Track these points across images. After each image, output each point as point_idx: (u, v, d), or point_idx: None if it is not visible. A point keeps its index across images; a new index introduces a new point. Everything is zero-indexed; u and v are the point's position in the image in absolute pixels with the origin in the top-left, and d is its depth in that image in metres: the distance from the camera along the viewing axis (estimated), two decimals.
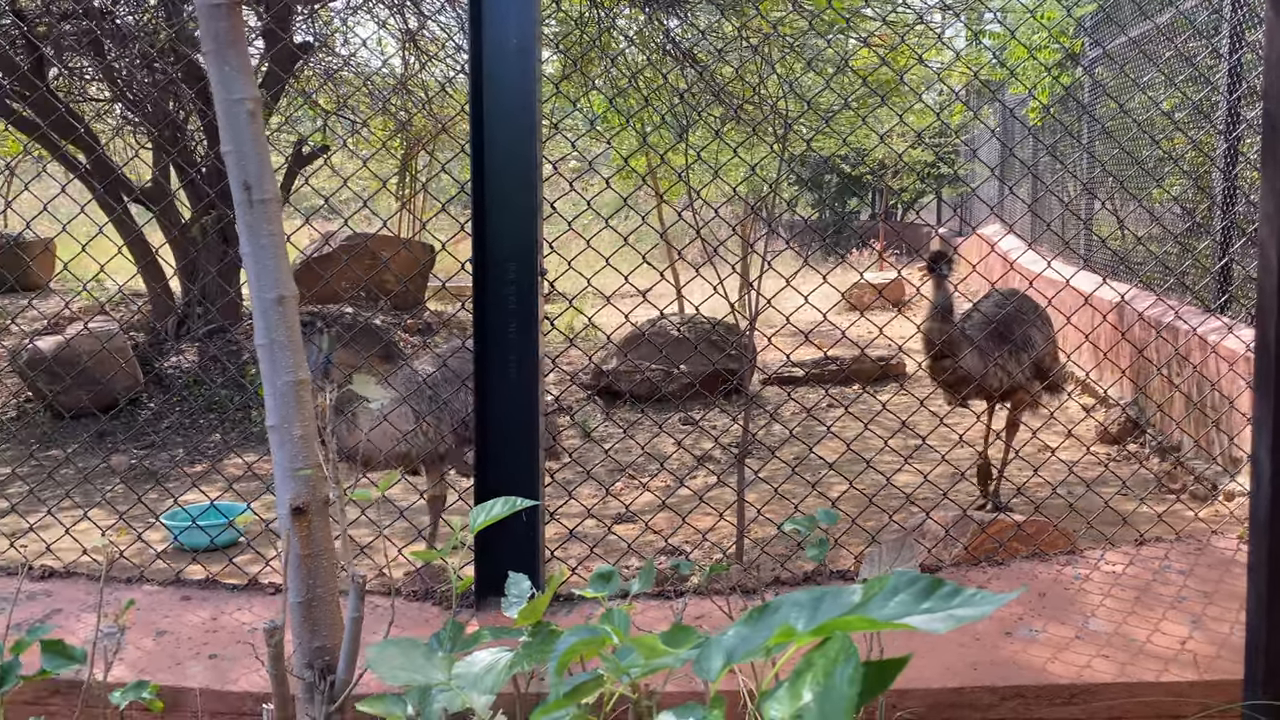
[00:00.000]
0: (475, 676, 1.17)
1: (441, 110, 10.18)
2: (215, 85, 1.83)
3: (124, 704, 2.09)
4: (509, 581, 1.49)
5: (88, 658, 1.71)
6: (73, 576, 2.85)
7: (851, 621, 0.78)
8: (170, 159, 8.13)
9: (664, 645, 0.88)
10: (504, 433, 2.71)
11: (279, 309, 1.88)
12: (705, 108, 7.35)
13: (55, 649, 1.61)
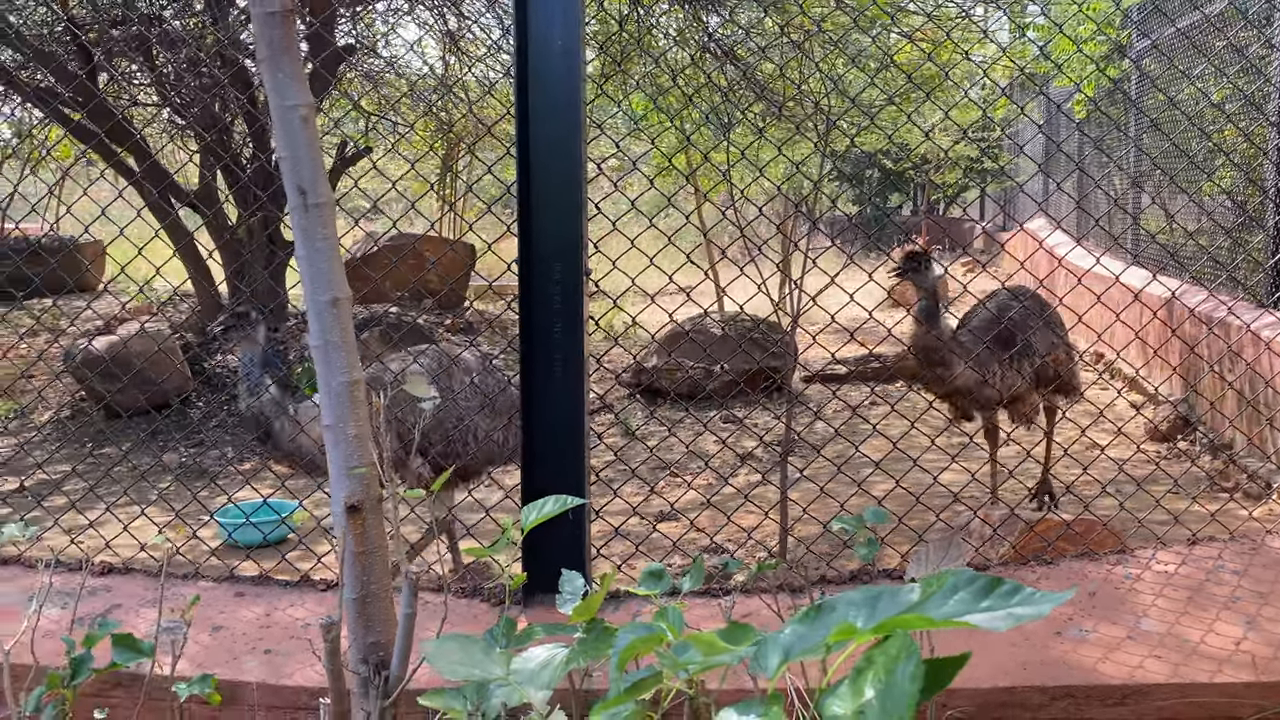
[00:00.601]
0: (531, 672, 1.19)
1: (483, 111, 10.26)
2: (270, 92, 1.87)
3: (186, 696, 2.15)
4: (562, 579, 1.51)
5: (155, 651, 1.74)
6: (131, 573, 2.92)
7: (911, 620, 0.78)
8: (221, 164, 8.26)
9: (723, 642, 0.89)
10: (549, 432, 2.73)
11: (333, 310, 1.91)
12: (747, 105, 7.34)
13: (125, 643, 1.66)
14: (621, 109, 8.86)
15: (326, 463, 4.06)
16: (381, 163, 9.94)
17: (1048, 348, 4.75)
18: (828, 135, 4.92)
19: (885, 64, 5.33)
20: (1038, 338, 4.71)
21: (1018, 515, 3.09)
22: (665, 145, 10.00)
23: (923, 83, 6.56)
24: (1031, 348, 4.67)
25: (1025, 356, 4.66)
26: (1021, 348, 4.63)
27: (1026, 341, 4.64)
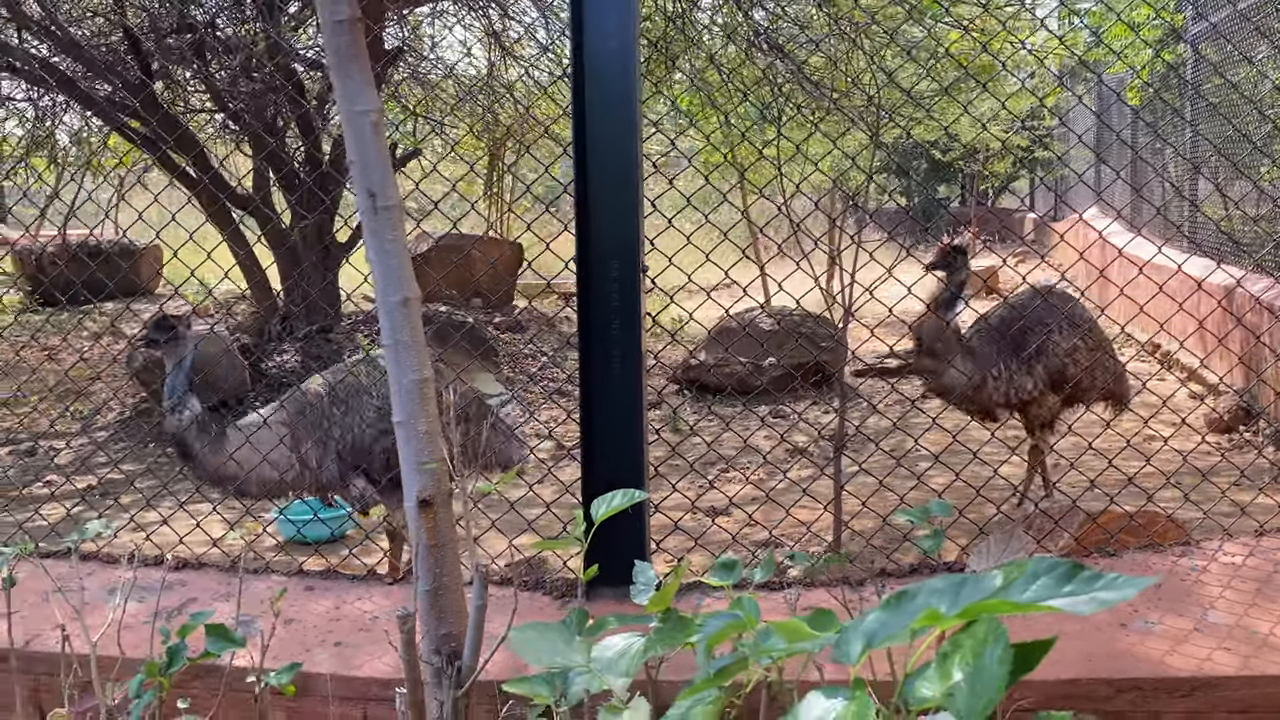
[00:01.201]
0: (610, 660, 1.22)
1: (530, 109, 10.35)
2: (339, 98, 1.92)
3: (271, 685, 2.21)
4: (635, 570, 1.54)
5: (246, 642, 1.80)
6: (204, 568, 3.01)
7: (996, 605, 0.80)
8: (282, 173, 8.41)
9: (809, 629, 0.91)
10: (608, 427, 2.76)
11: (403, 310, 1.96)
12: (795, 98, 7.32)
13: (218, 633, 1.72)
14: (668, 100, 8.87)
15: (253, 486, 3.81)
16: (428, 164, 10.07)
17: (1068, 348, 4.46)
18: (879, 127, 4.90)
19: (937, 55, 5.29)
20: (1057, 338, 4.43)
21: (1079, 507, 3.07)
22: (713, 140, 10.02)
23: (975, 73, 6.51)
24: (1047, 349, 4.40)
25: (1038, 358, 4.39)
26: (1037, 350, 4.38)
27: (1042, 342, 4.39)
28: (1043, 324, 4.39)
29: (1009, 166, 16.01)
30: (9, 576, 2.01)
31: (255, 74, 8.27)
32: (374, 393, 4.05)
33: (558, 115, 10.03)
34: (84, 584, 2.72)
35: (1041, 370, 4.38)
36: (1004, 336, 4.37)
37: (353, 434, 3.94)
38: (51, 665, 2.56)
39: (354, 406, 3.99)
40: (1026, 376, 4.36)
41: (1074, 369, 4.44)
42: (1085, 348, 4.51)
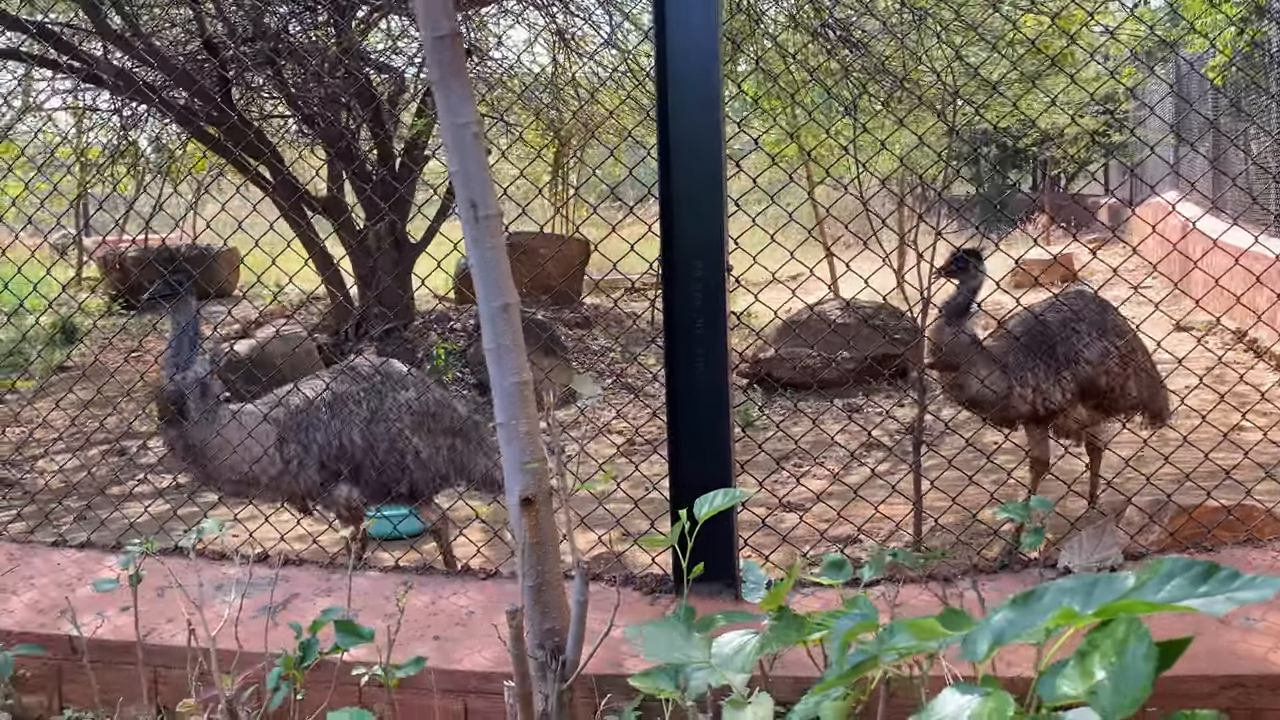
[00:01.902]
0: (728, 656, 1.26)
1: (594, 108, 10.43)
2: (441, 111, 1.98)
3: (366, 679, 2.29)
4: (744, 569, 1.58)
5: (374, 637, 1.88)
6: (305, 564, 3.12)
7: (1132, 605, 0.82)
8: (355, 176, 8.59)
9: (941, 627, 0.94)
10: (693, 426, 2.79)
11: (504, 315, 2.02)
12: (864, 85, 7.27)
13: (347, 628, 1.80)
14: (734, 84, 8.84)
15: (226, 472, 3.73)
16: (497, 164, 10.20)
17: (1099, 357, 4.22)
18: (954, 112, 4.85)
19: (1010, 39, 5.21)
20: (1086, 346, 4.21)
21: (1173, 501, 3.02)
22: (778, 129, 9.99)
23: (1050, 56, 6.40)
24: (1076, 357, 4.19)
25: (1067, 366, 4.18)
26: (1065, 358, 4.18)
27: (1071, 350, 4.19)
28: (1073, 331, 4.21)
29: (1083, 151, 15.65)
30: (136, 573, 2.11)
31: (328, 78, 8.46)
32: (364, 402, 3.97)
33: (644, 116, 10.12)
34: (192, 580, 2.83)
35: (1070, 380, 4.18)
36: (1031, 344, 4.18)
37: (339, 440, 3.86)
38: (168, 657, 2.69)
39: (343, 414, 3.91)
40: (1055, 387, 4.17)
41: (1106, 380, 4.24)
42: (1118, 357, 4.29)
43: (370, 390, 3.99)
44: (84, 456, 7.52)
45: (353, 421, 3.92)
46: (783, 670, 1.91)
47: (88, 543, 3.25)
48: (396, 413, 3.99)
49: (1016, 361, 4.15)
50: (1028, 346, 4.16)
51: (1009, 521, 3.86)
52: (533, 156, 12.03)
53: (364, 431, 3.93)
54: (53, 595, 2.96)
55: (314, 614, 2.81)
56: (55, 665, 2.76)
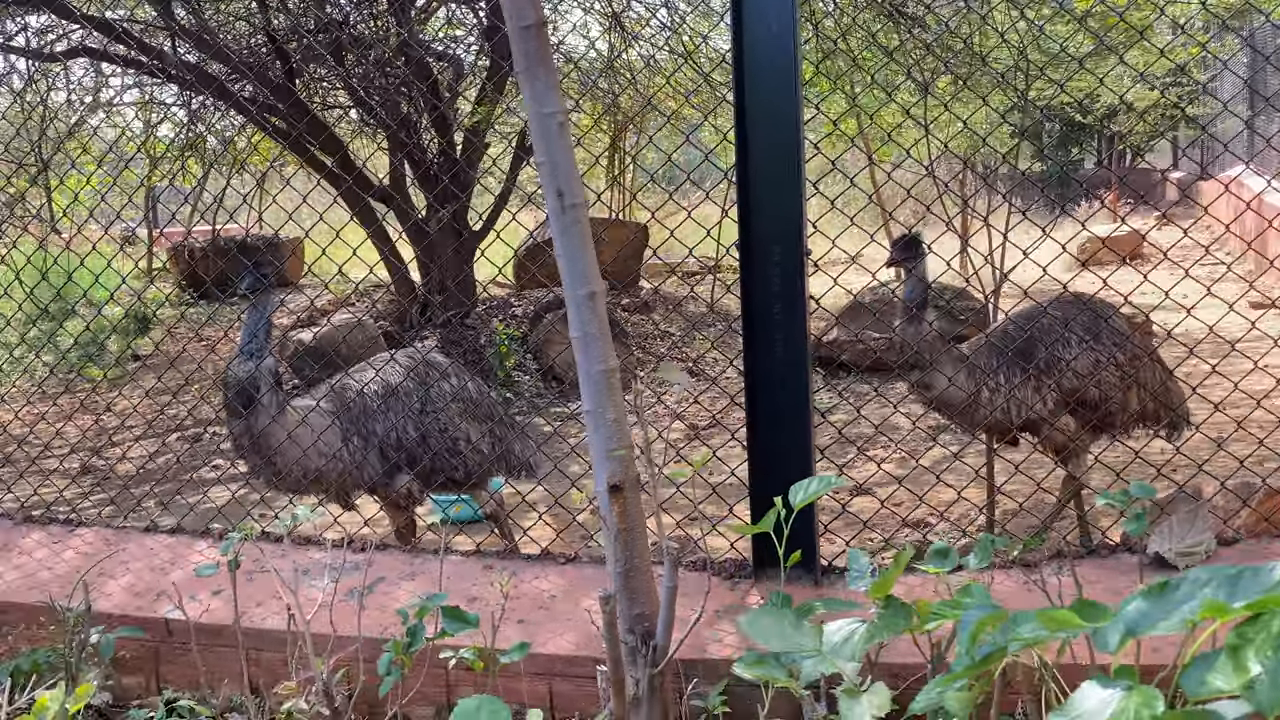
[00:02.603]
0: (837, 645, 1.26)
1: (649, 91, 10.40)
2: (528, 101, 1.99)
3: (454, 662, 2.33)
4: (849, 557, 1.57)
5: (479, 622, 1.91)
6: (388, 548, 3.17)
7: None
8: (417, 165, 8.68)
9: (1077, 618, 0.93)
10: (772, 411, 2.79)
11: (590, 304, 2.03)
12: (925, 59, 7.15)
13: (453, 614, 1.83)
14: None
15: (293, 469, 3.67)
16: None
17: (1089, 367, 3.94)
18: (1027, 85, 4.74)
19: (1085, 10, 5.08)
20: (1077, 356, 3.94)
21: (1268, 485, 2.94)
22: (832, 110, 9.87)
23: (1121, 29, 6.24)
24: (1059, 365, 3.93)
25: (1048, 374, 3.92)
26: (1044, 364, 3.92)
27: (1054, 356, 3.93)
28: (1059, 339, 3.95)
29: (1151, 126, 15.25)
30: (235, 559, 2.17)
31: (390, 68, 8.54)
32: (414, 392, 3.98)
33: (722, 98, 10.08)
34: (279, 565, 2.90)
35: (1052, 388, 3.93)
36: (1009, 346, 3.94)
37: (396, 431, 3.88)
38: (261, 640, 2.76)
39: (396, 404, 3.93)
40: (1033, 394, 3.91)
41: (1098, 393, 3.96)
42: (1114, 369, 3.99)
43: (418, 380, 4.01)
44: (162, 443, 7.74)
45: (406, 412, 3.95)
46: (882, 657, 1.90)
47: (178, 528, 3.35)
48: (444, 401, 4.03)
49: (987, 363, 3.92)
50: (1001, 349, 3.94)
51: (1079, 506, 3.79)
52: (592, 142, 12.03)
53: (417, 422, 3.97)
54: (147, 579, 3.05)
55: (401, 597, 2.87)
56: (153, 647, 2.85)
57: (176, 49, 8.33)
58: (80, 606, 2.62)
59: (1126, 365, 4.01)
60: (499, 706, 1.18)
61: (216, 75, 8.33)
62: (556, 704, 2.57)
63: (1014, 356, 3.91)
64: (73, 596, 2.71)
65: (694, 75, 9.55)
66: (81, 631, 2.50)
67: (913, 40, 6.90)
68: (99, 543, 3.29)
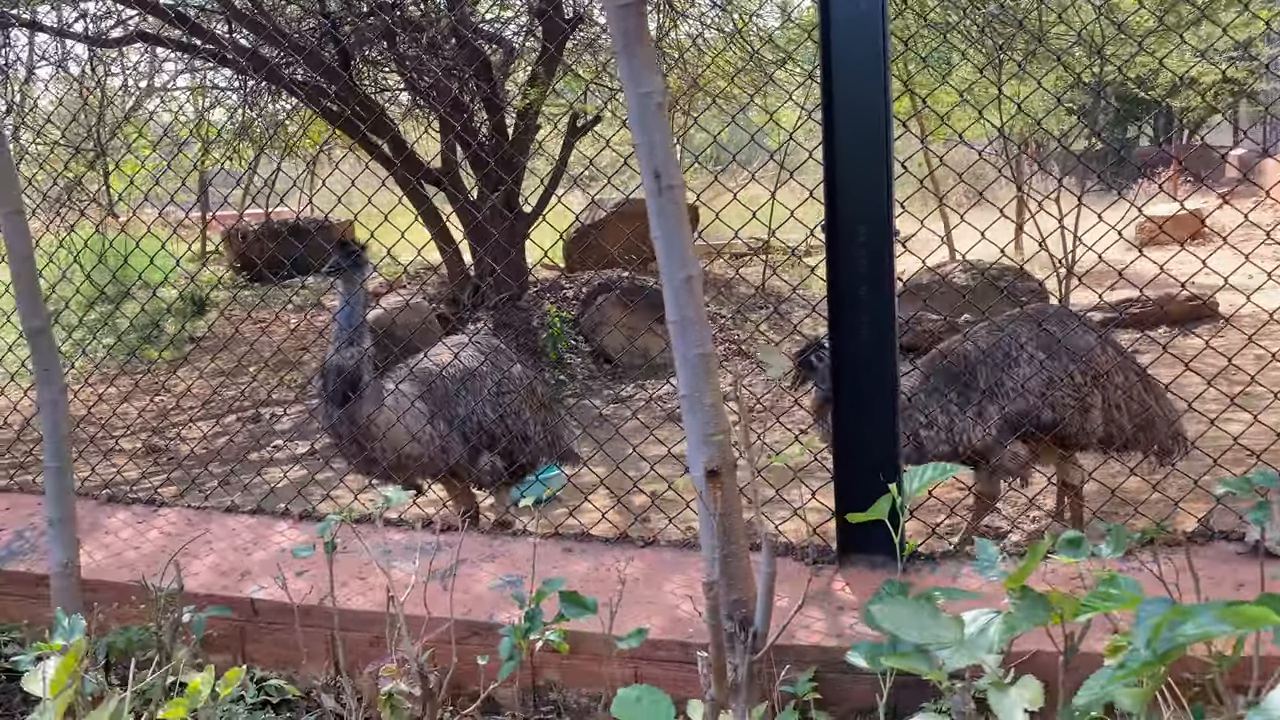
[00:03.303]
0: (974, 637, 1.23)
1: (698, 70, 10.32)
2: (625, 80, 1.96)
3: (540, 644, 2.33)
4: (978, 546, 1.53)
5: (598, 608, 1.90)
6: (467, 530, 3.19)
7: None
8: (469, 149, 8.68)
9: (1273, 614, 0.89)
10: (858, 393, 2.75)
11: (687, 287, 2.00)
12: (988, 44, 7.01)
13: (572, 599, 1.83)
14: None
15: (388, 454, 3.65)
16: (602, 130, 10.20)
17: (1041, 386, 3.71)
18: (1099, 63, 4.63)
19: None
20: (1025, 373, 3.71)
21: None
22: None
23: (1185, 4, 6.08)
24: (1000, 390, 3.72)
25: (991, 399, 3.71)
26: (988, 390, 3.72)
27: (996, 381, 3.73)
28: (1006, 358, 3.73)
29: (1212, 103, 14.87)
30: (331, 541, 2.18)
31: (443, 50, 8.54)
32: (488, 375, 3.98)
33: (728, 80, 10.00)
34: (360, 545, 2.92)
35: (995, 414, 3.72)
36: (941, 381, 3.78)
37: (477, 415, 3.88)
38: (346, 620, 2.78)
39: (474, 387, 3.93)
40: (973, 420, 3.72)
41: (1052, 413, 3.73)
42: (1070, 388, 3.74)
43: (491, 364, 4.03)
44: (222, 424, 7.85)
45: (484, 395, 3.96)
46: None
47: (259, 509, 3.38)
48: (511, 385, 4.05)
49: (920, 402, 3.79)
50: (934, 388, 3.78)
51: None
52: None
53: (494, 404, 3.98)
54: (231, 559, 3.09)
55: (484, 579, 2.88)
56: (238, 626, 2.88)
57: (233, 32, 8.40)
58: (171, 585, 2.66)
59: (1086, 384, 3.74)
60: (659, 696, 1.17)
61: (270, 59, 8.39)
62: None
63: (949, 390, 3.75)
64: (163, 576, 2.75)
65: (742, 55, 9.47)
66: (174, 610, 2.53)
67: (971, 17, 6.77)
68: (181, 523, 3.33)
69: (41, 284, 2.36)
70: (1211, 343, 4.00)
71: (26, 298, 2.30)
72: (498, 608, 2.75)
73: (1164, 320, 7.93)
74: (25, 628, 3.06)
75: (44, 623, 3.05)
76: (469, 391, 3.91)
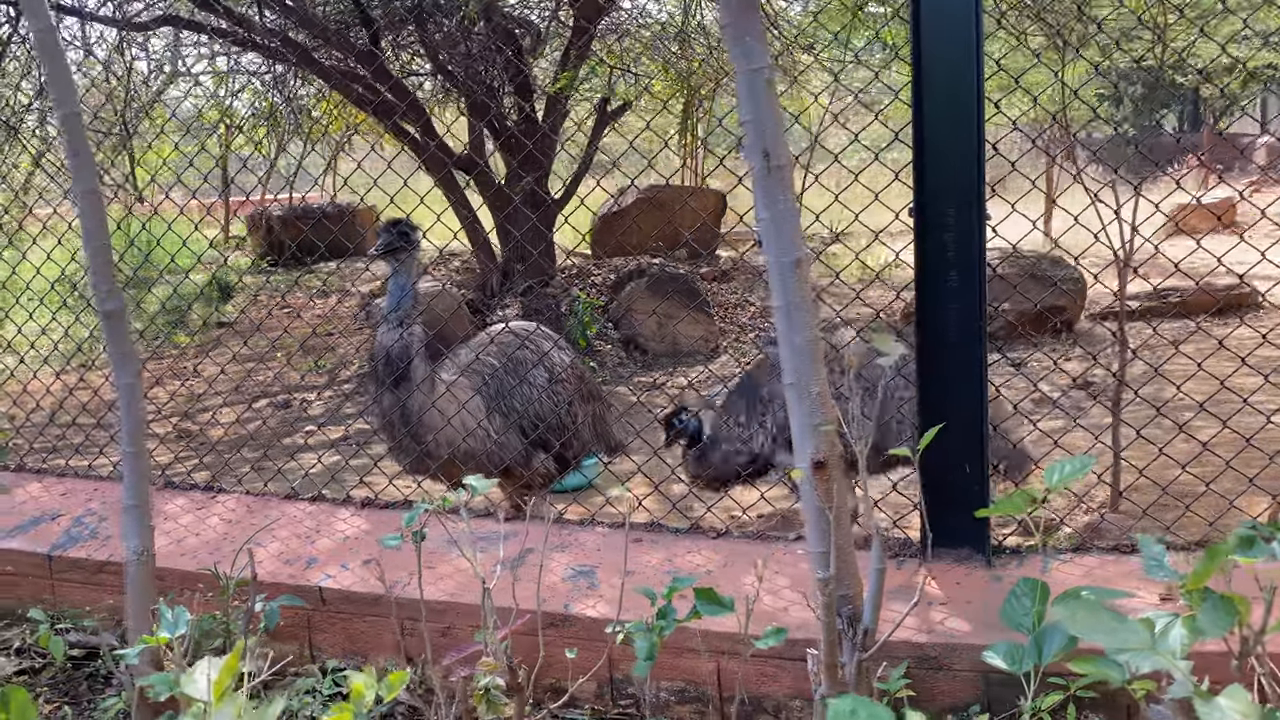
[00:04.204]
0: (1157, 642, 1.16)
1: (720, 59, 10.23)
2: (735, 56, 1.88)
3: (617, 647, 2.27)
4: (1141, 543, 1.46)
5: (734, 605, 1.84)
6: (533, 519, 3.13)
7: None
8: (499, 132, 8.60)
9: None
10: (944, 383, 2.68)
11: (795, 271, 1.93)
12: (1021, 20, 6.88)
13: (707, 596, 1.77)
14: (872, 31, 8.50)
15: (442, 449, 3.49)
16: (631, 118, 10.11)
17: (551, 405, 3.85)
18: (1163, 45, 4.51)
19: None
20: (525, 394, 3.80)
21: None
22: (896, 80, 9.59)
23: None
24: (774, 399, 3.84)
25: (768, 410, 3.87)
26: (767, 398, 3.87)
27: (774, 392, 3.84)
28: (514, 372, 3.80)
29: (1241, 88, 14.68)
30: (420, 532, 2.13)
31: (472, 33, 8.45)
32: (539, 366, 3.82)
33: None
34: (434, 533, 2.86)
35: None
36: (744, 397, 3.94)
37: (533, 408, 3.72)
38: (415, 610, 2.72)
39: (527, 377, 3.76)
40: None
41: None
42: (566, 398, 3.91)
43: (540, 354, 3.87)
44: (253, 409, 7.82)
45: (536, 386, 3.81)
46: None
47: (320, 496, 3.33)
48: (563, 374, 3.90)
49: (743, 423, 3.95)
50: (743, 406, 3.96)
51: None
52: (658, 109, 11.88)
53: (549, 394, 3.84)
54: (294, 547, 3.03)
55: (555, 568, 2.82)
56: (305, 615, 2.83)
57: (263, 14, 8.32)
58: (241, 573, 2.61)
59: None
60: (877, 709, 1.11)
61: (301, 43, 8.31)
62: (724, 682, 2.50)
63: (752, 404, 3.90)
64: (234, 563, 2.70)
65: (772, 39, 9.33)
66: (246, 599, 2.48)
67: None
68: (241, 509, 3.29)
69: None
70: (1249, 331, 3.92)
71: (102, 279, 2.24)
72: (572, 598, 2.69)
73: (1199, 310, 7.80)
74: (87, 613, 3.01)
75: (105, 610, 3.02)
76: (522, 382, 3.75)
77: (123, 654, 1.90)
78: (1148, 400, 4.57)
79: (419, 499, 2.61)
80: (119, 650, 2.07)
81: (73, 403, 4.73)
